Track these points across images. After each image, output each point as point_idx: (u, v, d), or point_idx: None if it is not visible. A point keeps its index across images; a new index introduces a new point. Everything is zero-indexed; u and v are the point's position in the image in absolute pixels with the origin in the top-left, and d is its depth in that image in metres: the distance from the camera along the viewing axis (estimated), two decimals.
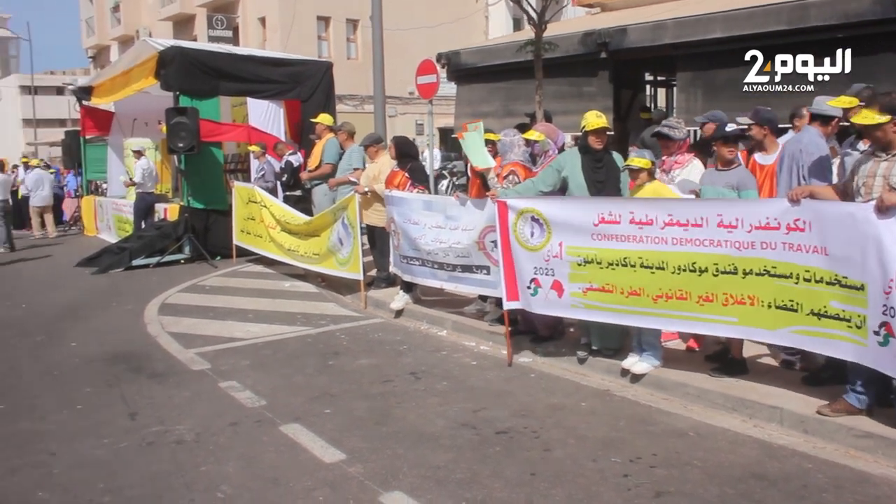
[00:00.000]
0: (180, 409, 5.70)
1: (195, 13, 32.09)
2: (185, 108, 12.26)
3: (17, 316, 9.36)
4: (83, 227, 19.18)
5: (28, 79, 59.20)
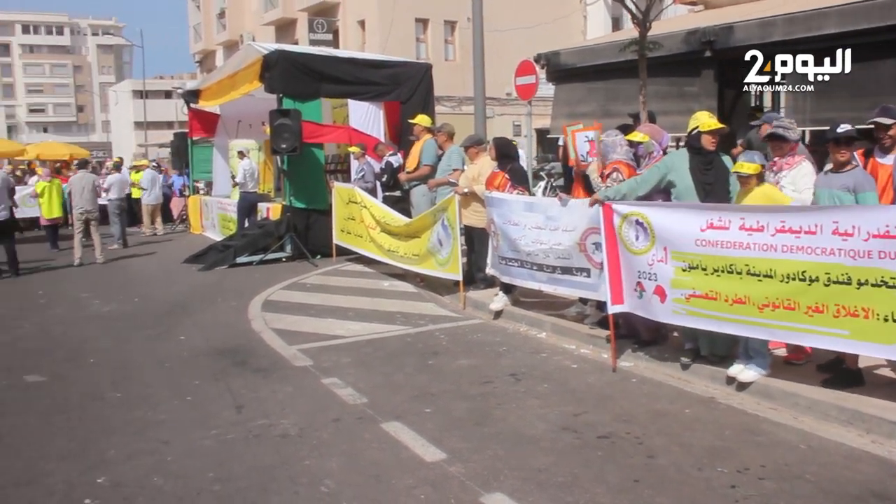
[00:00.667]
0: (284, 403, 5.83)
1: (296, 17, 32.82)
2: (289, 110, 12.55)
3: (129, 309, 9.78)
4: (189, 225, 19.91)
5: (140, 83, 61.92)
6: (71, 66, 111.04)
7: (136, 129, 66.85)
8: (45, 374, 6.91)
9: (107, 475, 4.64)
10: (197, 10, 44.76)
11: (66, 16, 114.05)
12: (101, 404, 6.03)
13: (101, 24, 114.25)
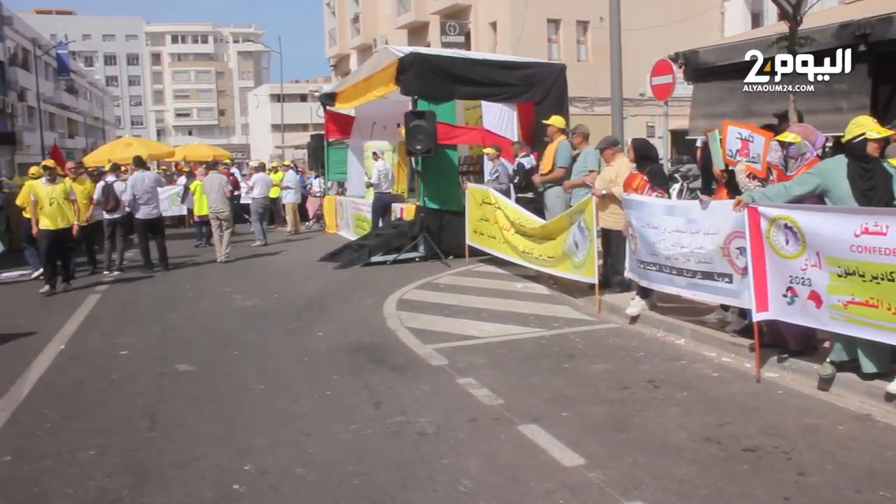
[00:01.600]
0: (421, 401, 5.89)
1: (429, 20, 33.23)
2: (423, 111, 12.72)
3: (270, 305, 10.16)
4: (325, 224, 20.50)
5: (277, 88, 64.38)
6: (214, 73, 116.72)
7: (272, 132, 69.59)
8: (194, 363, 7.25)
9: (253, 463, 4.81)
10: (332, 15, 46.03)
11: (210, 25, 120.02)
12: (247, 394, 6.27)
13: (241, 31, 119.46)
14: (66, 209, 11.59)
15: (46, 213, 11.38)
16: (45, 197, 11.38)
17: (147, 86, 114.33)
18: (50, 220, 11.41)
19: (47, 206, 11.36)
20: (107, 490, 4.50)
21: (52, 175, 11.67)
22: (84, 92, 71.87)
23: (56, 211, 11.43)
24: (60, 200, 11.47)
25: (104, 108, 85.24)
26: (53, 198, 11.41)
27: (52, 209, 11.38)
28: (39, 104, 50.74)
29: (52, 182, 11.58)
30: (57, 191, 11.49)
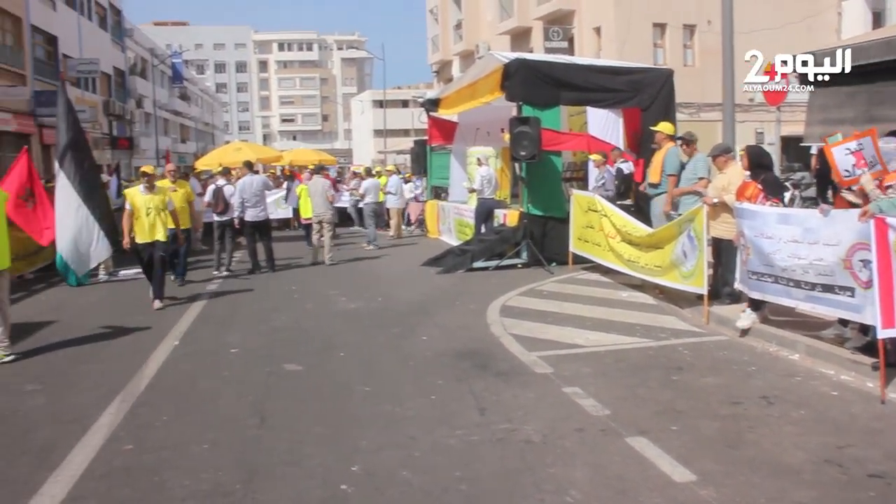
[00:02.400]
0: (526, 409, 5.83)
1: (531, 26, 33.11)
2: (528, 117, 12.66)
3: (374, 308, 10.29)
4: (426, 229, 20.66)
5: (378, 93, 65.36)
6: (318, 79, 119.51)
7: (374, 137, 70.70)
8: (301, 363, 7.40)
9: (360, 464, 4.85)
10: (435, 22, 46.44)
11: (316, 33, 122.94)
12: (352, 396, 6.34)
13: (345, 39, 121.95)
14: (163, 220, 10.76)
15: (142, 223, 10.58)
16: (143, 206, 10.60)
17: (254, 92, 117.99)
18: (143, 233, 10.61)
19: (143, 217, 10.57)
20: (220, 483, 4.63)
21: (151, 183, 10.85)
22: (196, 98, 74.65)
23: (152, 222, 10.61)
24: (158, 210, 10.70)
25: (214, 113, 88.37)
26: (151, 208, 10.63)
27: (148, 220, 10.59)
28: (155, 110, 53.05)
29: (151, 190, 10.77)
30: (155, 200, 10.71)
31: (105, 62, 39.30)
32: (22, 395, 6.69)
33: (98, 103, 37.41)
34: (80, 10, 37.33)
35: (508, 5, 34.70)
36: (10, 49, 29.05)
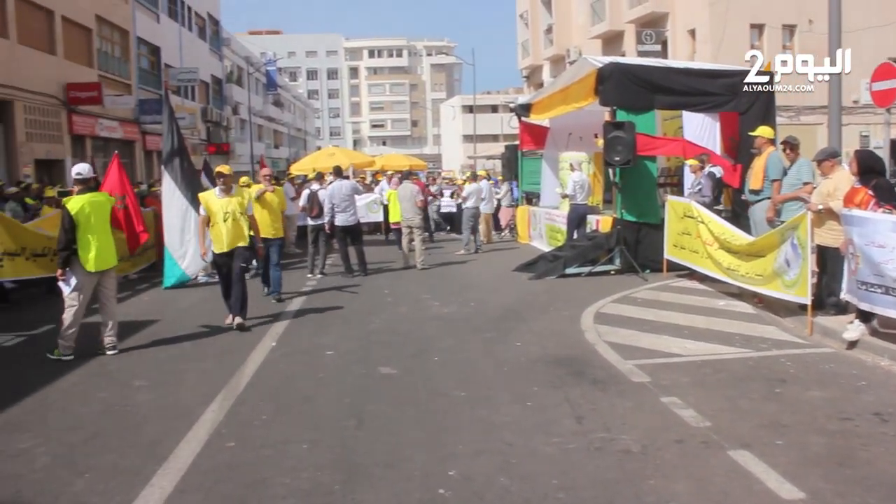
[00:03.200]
0: (624, 418, 5.74)
1: (623, 30, 32.72)
2: (623, 122, 12.49)
3: (467, 313, 10.31)
4: (517, 234, 20.60)
5: (468, 99, 65.61)
6: (407, 85, 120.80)
7: (463, 142, 70.99)
8: (396, 367, 7.46)
9: (457, 469, 4.86)
10: (525, 27, 46.35)
11: (405, 39, 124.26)
12: (447, 400, 6.35)
13: (434, 45, 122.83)
14: (242, 226, 9.58)
15: (218, 231, 9.49)
16: (219, 211, 9.48)
17: (345, 98, 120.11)
18: (220, 241, 9.49)
19: (220, 223, 9.46)
20: (320, 483, 4.70)
21: (227, 184, 9.70)
22: (289, 105, 76.49)
23: (230, 229, 9.46)
24: (237, 215, 9.50)
25: (306, 119, 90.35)
26: (228, 212, 9.46)
27: (225, 226, 9.44)
28: (250, 117, 54.56)
29: (228, 193, 9.64)
30: (233, 203, 9.52)
31: (203, 71, 40.70)
32: (131, 390, 6.97)
33: (197, 110, 38.76)
34: (181, 22, 38.79)
35: (600, 9, 34.38)
36: (118, 60, 30.38)
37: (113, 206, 8.84)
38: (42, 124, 23.61)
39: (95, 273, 8.24)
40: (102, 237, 8.27)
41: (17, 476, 5.00)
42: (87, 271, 8.17)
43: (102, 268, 8.28)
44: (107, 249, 8.34)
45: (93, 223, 8.17)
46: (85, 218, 8.13)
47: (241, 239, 9.55)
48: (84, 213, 8.14)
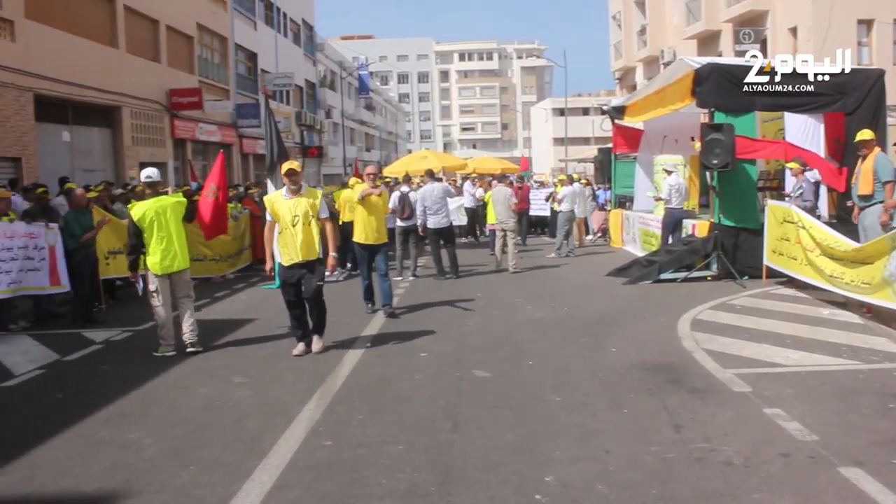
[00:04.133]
0: (725, 429, 5.57)
1: (720, 29, 31.91)
2: (721, 124, 12.17)
3: (561, 317, 10.22)
4: (609, 238, 20.34)
5: (558, 101, 65.13)
6: (498, 88, 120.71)
7: (554, 145, 70.51)
8: (490, 370, 7.45)
9: (554, 475, 4.81)
10: (618, 28, 45.74)
11: (495, 42, 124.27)
12: (543, 405, 6.31)
13: (525, 48, 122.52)
14: (314, 233, 8.10)
15: (286, 238, 8.04)
16: (287, 213, 8.01)
17: (436, 102, 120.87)
18: (288, 250, 8.04)
19: (289, 228, 7.99)
20: (416, 484, 4.73)
21: (297, 182, 8.10)
22: (380, 109, 77.45)
23: (300, 235, 7.96)
24: (308, 219, 8.04)
25: (397, 123, 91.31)
26: (297, 215, 7.97)
27: (294, 231, 7.97)
28: (343, 120, 55.48)
29: (297, 193, 8.09)
30: (302, 205, 8.02)
31: (298, 75, 41.56)
32: (231, 387, 7.17)
33: (291, 114, 39.70)
34: (277, 28, 39.75)
35: (696, 8, 33.60)
36: (217, 66, 31.36)
37: (200, 196, 9.11)
38: (146, 129, 24.56)
39: (164, 275, 8.46)
40: (169, 240, 8.40)
41: (127, 465, 5.22)
42: (155, 274, 8.44)
43: (169, 270, 8.45)
44: (175, 252, 8.46)
45: (158, 227, 8.37)
46: (149, 222, 8.37)
47: (313, 249, 8.08)
48: (147, 218, 8.37)
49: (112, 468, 5.20)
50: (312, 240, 8.10)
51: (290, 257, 8.10)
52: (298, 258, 8.06)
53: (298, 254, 8.05)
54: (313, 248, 8.10)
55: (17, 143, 17.52)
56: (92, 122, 22.04)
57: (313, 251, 8.13)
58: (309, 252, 8.10)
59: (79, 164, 20.78)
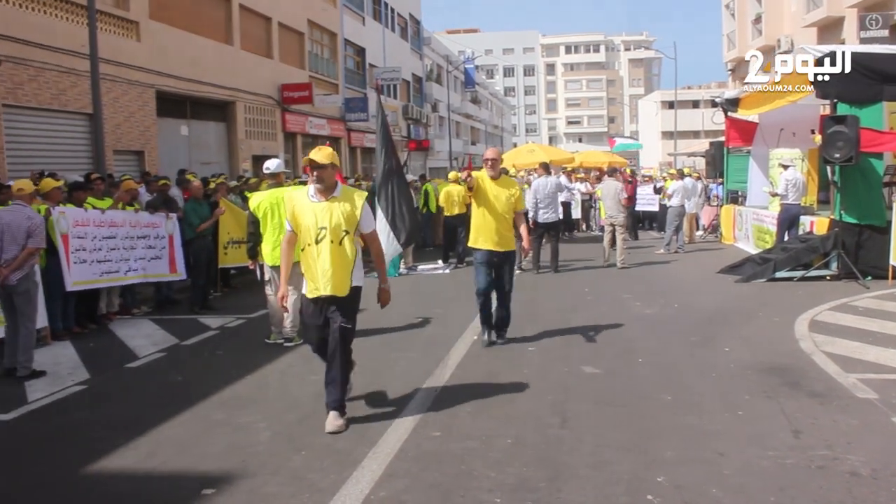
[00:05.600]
0: (849, 437, 5.30)
1: (843, 15, 30.49)
2: (844, 116, 11.60)
3: (670, 314, 10.00)
4: (721, 234, 19.76)
5: (667, 94, 63.65)
6: (604, 81, 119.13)
7: (662, 139, 68.99)
8: (599, 366, 7.34)
9: (665, 475, 4.69)
10: (731, 17, 44.44)
11: (603, 34, 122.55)
12: (653, 404, 6.16)
13: (633, 39, 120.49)
14: (348, 253, 5.64)
15: (309, 258, 5.69)
16: (312, 225, 5.64)
17: (541, 95, 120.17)
18: (312, 276, 5.71)
19: (312, 245, 5.67)
20: (525, 479, 4.70)
21: (327, 181, 5.69)
22: (486, 102, 77.46)
23: (327, 257, 5.60)
24: (340, 235, 5.60)
25: (503, 116, 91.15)
26: (325, 227, 5.62)
27: (317, 251, 5.64)
28: (449, 114, 55.80)
29: (329, 194, 5.72)
30: (335, 212, 5.64)
31: (405, 70, 42.05)
32: None
33: (398, 108, 40.16)
34: (384, 23, 40.32)
35: None
36: (326, 61, 32.06)
37: None
38: (259, 122, 25.35)
39: (276, 266, 8.56)
40: (281, 232, 8.25)
41: (243, 447, 5.40)
42: (268, 264, 8.69)
43: (277, 262, 8.53)
44: None
45: (272, 218, 8.58)
46: (263, 213, 8.60)
47: (344, 280, 5.68)
48: (262, 208, 8.60)
49: (228, 449, 5.39)
50: (345, 264, 5.61)
51: (314, 286, 5.68)
52: (324, 290, 5.60)
53: (323, 284, 5.59)
54: (345, 278, 5.66)
55: (140, 137, 18.42)
56: (208, 116, 22.94)
57: (344, 284, 5.61)
58: (338, 284, 5.59)
59: (196, 157, 21.65)
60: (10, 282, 7.54)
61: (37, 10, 15.79)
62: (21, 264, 7.57)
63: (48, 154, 15.75)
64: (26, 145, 15.44)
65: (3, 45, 14.55)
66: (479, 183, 8.02)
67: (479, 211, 8.09)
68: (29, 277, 7.69)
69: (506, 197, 8.02)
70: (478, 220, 8.12)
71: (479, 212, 8.11)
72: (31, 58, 15.28)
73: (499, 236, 8.02)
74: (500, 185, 8.09)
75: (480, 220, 8.08)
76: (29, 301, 7.76)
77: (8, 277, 7.50)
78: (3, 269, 7.47)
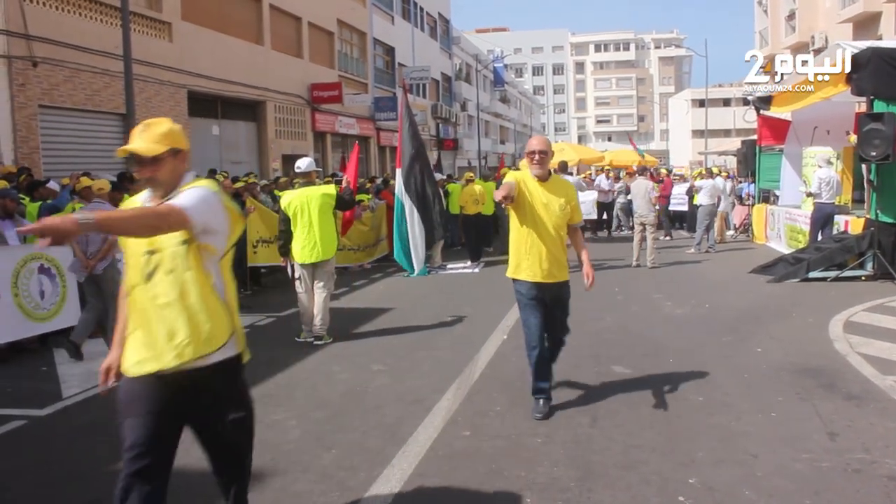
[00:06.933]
0: (887, 440, 5.21)
1: (881, 10, 29.95)
2: (882, 113, 11.42)
3: (701, 314, 9.89)
4: (752, 234, 19.53)
5: (698, 92, 63.07)
6: (634, 79, 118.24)
7: (692, 137, 68.40)
8: (629, 366, 7.29)
9: (697, 477, 4.65)
10: (764, 14, 43.85)
11: (633, 33, 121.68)
12: (684, 405, 6.10)
13: (663, 37, 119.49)
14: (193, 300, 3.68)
15: None
16: (136, 254, 3.47)
17: (570, 94, 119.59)
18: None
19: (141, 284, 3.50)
20: (555, 479, 4.68)
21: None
22: (515, 101, 77.28)
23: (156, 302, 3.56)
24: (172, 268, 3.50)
25: (532, 115, 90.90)
26: (154, 262, 3.45)
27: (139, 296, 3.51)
28: (478, 113, 55.74)
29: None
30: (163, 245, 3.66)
31: (434, 69, 42.11)
32: (370, 374, 7.34)
33: (427, 107, 40.24)
34: (413, 22, 40.39)
35: None
36: (356, 61, 32.18)
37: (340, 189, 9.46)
38: (289, 122, 25.51)
39: (306, 265, 8.71)
40: (311, 231, 8.59)
41: (273, 445, 5.42)
42: (298, 262, 8.75)
43: (308, 261, 8.65)
44: (315, 243, 8.62)
45: (301, 217, 8.61)
46: (293, 212, 8.64)
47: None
48: (292, 207, 8.66)
49: (258, 447, 5.32)
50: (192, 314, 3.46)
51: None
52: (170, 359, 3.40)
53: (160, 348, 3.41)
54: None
55: None
56: (239, 116, 23.14)
57: (209, 340, 3.53)
58: (199, 345, 3.47)
59: (226, 157, 21.84)
60: (96, 271, 8.32)
61: (72, 12, 16.04)
62: (105, 255, 8.32)
63: (82, 154, 15.99)
64: (61, 145, 15.69)
65: (38, 47, 14.80)
66: (521, 187, 5.68)
67: (522, 229, 5.78)
68: (112, 265, 8.32)
69: (559, 206, 5.74)
70: (519, 239, 5.82)
71: (521, 230, 5.79)
72: (67, 59, 15.52)
73: (549, 262, 5.77)
74: (550, 191, 5.77)
75: (523, 239, 5.79)
76: (116, 284, 8.04)
77: (95, 267, 8.29)
78: (90, 261, 8.24)
